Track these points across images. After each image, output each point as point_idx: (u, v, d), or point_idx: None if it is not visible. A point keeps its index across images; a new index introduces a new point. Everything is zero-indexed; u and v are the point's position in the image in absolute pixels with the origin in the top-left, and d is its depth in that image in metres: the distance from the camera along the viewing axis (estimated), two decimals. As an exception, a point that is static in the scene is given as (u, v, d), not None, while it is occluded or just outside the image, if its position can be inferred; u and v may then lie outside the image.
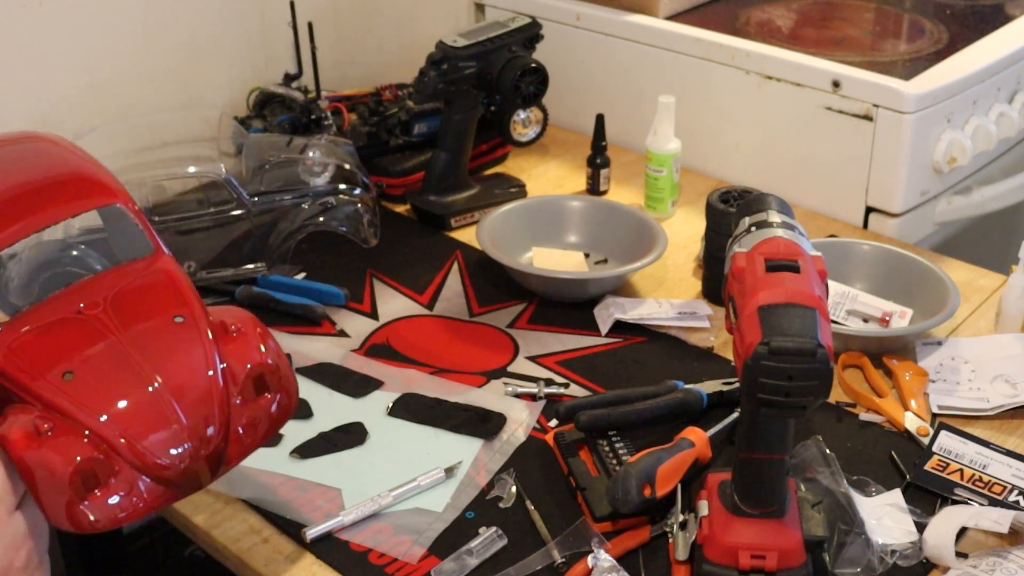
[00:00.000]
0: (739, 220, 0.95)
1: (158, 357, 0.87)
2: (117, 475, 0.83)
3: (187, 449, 0.85)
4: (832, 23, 1.74)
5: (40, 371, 0.85)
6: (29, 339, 0.87)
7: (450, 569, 0.96)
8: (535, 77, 1.48)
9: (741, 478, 0.91)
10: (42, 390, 0.84)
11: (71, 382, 0.85)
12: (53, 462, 0.82)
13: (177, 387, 0.86)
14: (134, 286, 0.92)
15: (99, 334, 0.88)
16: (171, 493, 0.86)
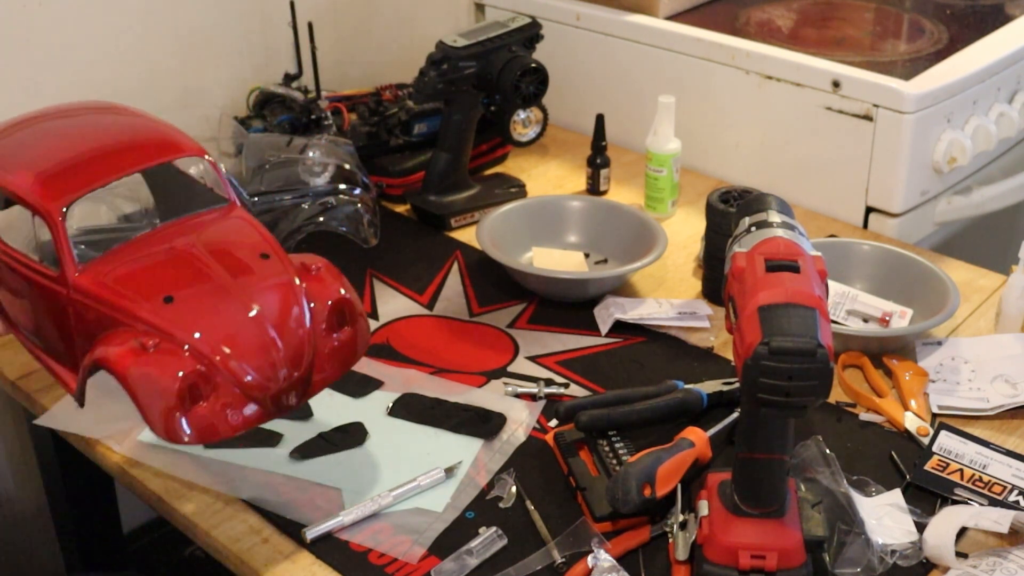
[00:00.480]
0: (739, 220, 0.95)
1: (251, 287, 0.95)
2: (216, 392, 0.90)
3: (282, 371, 0.92)
4: (832, 23, 1.74)
5: (142, 297, 0.92)
6: (127, 271, 0.95)
7: (450, 569, 0.96)
8: (535, 77, 1.48)
9: (741, 478, 0.91)
10: (144, 313, 0.91)
11: (172, 306, 0.92)
12: (158, 374, 0.88)
13: (271, 315, 0.94)
14: (219, 228, 1.01)
15: (194, 267, 0.96)
16: (262, 413, 0.92)
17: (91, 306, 0.94)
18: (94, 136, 1.04)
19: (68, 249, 0.95)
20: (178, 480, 1.07)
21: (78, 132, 1.05)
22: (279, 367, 0.92)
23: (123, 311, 0.92)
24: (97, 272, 0.94)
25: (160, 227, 1.00)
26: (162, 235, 0.99)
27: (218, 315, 0.92)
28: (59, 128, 1.06)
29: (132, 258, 0.96)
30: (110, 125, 1.07)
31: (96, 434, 1.12)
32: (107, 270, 0.95)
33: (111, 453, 1.10)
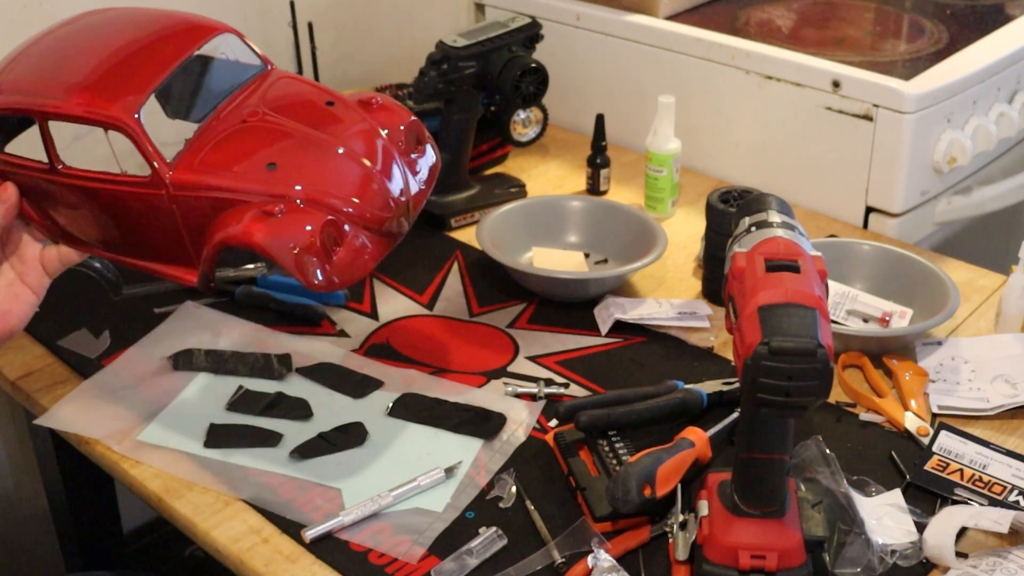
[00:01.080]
0: (739, 220, 0.95)
1: (335, 133, 0.98)
2: (345, 235, 0.95)
3: (391, 200, 0.98)
4: (832, 23, 1.74)
5: (246, 171, 0.95)
6: (217, 154, 0.97)
7: (450, 569, 0.96)
8: (535, 77, 1.48)
9: (741, 478, 0.91)
10: (256, 184, 0.94)
11: (278, 171, 0.95)
12: (295, 234, 0.92)
13: (363, 152, 0.98)
14: (274, 91, 1.03)
15: (275, 131, 0.98)
16: (386, 243, 0.98)
17: (196, 196, 0.96)
18: (122, 39, 1.03)
19: (156, 151, 0.96)
20: (178, 480, 1.07)
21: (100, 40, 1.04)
22: (387, 196, 0.98)
23: (233, 190, 0.95)
24: (189, 164, 0.96)
25: (217, 111, 1.01)
26: (226, 116, 1.00)
27: (321, 166, 0.96)
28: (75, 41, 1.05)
29: (213, 143, 0.98)
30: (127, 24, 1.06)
31: (96, 434, 1.12)
32: (197, 160, 0.96)
33: (111, 453, 1.10)
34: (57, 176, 1.00)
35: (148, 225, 0.99)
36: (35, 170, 1.00)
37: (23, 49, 1.06)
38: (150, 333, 1.27)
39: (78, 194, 1.00)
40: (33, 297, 1.03)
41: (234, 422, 1.14)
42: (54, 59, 1.03)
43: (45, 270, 1.04)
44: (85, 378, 1.20)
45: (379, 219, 0.97)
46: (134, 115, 0.95)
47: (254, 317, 1.31)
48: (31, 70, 1.02)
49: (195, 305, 1.32)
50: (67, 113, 0.97)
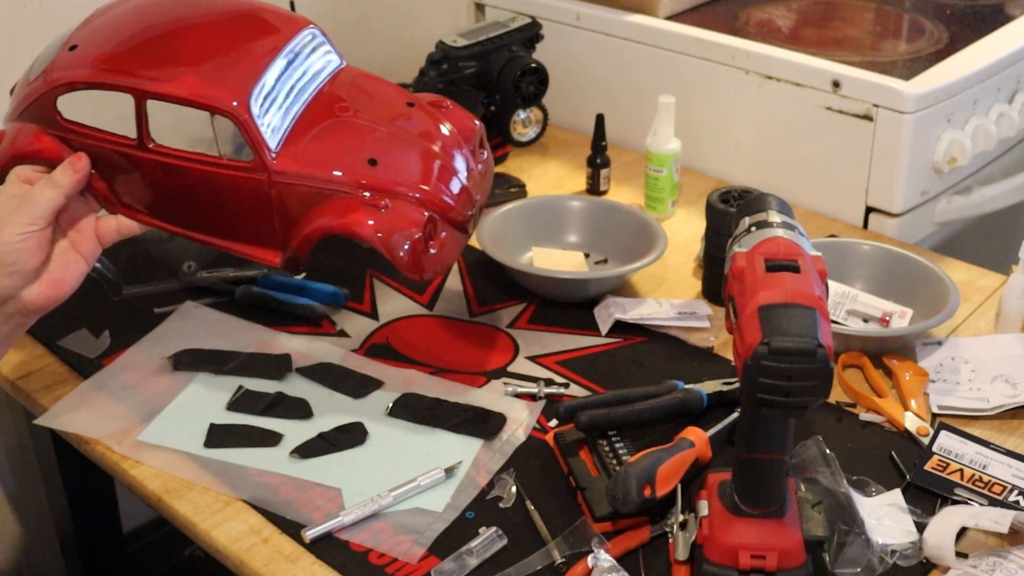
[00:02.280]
0: (739, 220, 0.95)
1: (423, 133, 1.05)
2: (437, 229, 1.01)
3: (472, 199, 1.05)
4: (832, 23, 1.74)
5: (349, 165, 1.00)
6: (317, 144, 1.01)
7: (450, 569, 0.96)
8: (535, 77, 1.48)
9: (741, 478, 0.91)
10: (361, 178, 1.00)
11: (379, 167, 1.00)
12: (404, 226, 0.99)
13: (448, 151, 1.05)
14: (356, 88, 1.08)
15: (368, 127, 1.04)
16: (463, 239, 1.06)
17: (298, 185, 1.00)
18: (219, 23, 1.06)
19: (263, 139, 0.99)
20: (178, 480, 1.07)
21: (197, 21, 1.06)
22: (471, 195, 1.05)
23: (336, 182, 1.00)
24: (292, 154, 1.00)
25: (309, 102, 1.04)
26: (318, 108, 1.04)
27: (417, 163, 1.02)
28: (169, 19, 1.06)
29: (313, 134, 1.02)
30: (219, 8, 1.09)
31: (96, 434, 1.12)
32: (298, 150, 1.00)
33: (111, 453, 1.10)
34: (144, 152, 1.02)
35: (238, 207, 1.03)
36: (119, 144, 1.02)
37: (104, 19, 1.07)
38: (150, 333, 1.27)
39: (163, 172, 1.02)
40: (84, 265, 1.05)
41: (234, 422, 1.14)
42: (151, 36, 1.05)
43: (100, 239, 1.06)
44: (85, 378, 1.20)
45: (464, 217, 1.05)
46: (246, 103, 0.98)
47: (254, 317, 1.30)
48: (122, 48, 1.03)
49: (195, 305, 1.32)
50: (173, 95, 0.99)
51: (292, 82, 1.05)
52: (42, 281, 1.01)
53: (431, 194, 1.02)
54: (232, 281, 1.35)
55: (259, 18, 1.08)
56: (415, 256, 1.00)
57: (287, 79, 1.04)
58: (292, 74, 1.05)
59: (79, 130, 1.03)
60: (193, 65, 1.01)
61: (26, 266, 0.99)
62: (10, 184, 1.02)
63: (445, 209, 1.03)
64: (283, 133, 1.01)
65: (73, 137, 1.03)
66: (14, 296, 1.00)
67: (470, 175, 1.06)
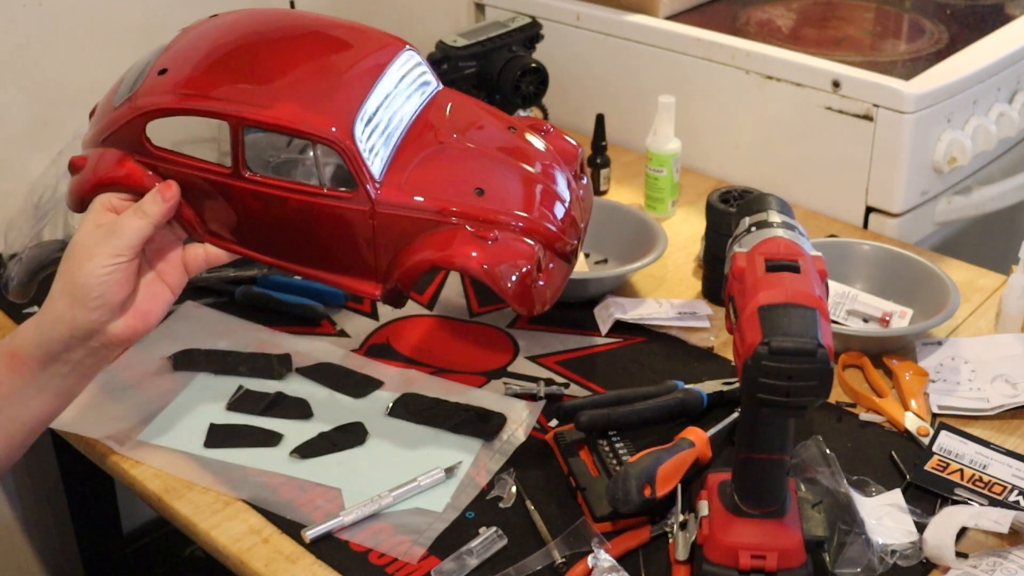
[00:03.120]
0: (739, 220, 0.95)
1: (527, 159, 1.01)
2: (545, 261, 0.97)
3: (576, 227, 1.01)
4: (832, 23, 1.74)
5: (456, 195, 0.96)
6: (421, 172, 0.97)
7: (450, 569, 0.96)
8: (535, 77, 1.48)
9: (741, 478, 0.91)
10: (469, 209, 0.96)
11: (486, 196, 0.97)
12: (516, 258, 0.95)
13: (552, 179, 1.00)
14: (455, 113, 1.04)
15: (473, 155, 1.00)
16: (569, 268, 1.01)
17: (402, 216, 0.96)
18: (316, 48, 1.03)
19: (366, 168, 0.95)
20: (178, 480, 1.07)
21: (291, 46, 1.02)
22: (575, 224, 1.01)
23: (443, 212, 0.96)
24: (396, 183, 0.96)
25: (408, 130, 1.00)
26: (419, 135, 1.00)
27: (523, 193, 0.98)
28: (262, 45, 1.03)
29: (416, 162, 0.98)
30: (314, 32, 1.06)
31: (96, 434, 1.12)
32: (403, 179, 0.97)
33: (111, 453, 1.10)
34: (239, 181, 0.97)
35: (337, 237, 0.98)
36: (211, 172, 0.98)
37: (194, 39, 1.03)
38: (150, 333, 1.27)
39: (258, 201, 0.98)
40: (171, 296, 1.00)
41: (234, 422, 1.14)
42: (244, 58, 1.00)
43: (187, 269, 1.01)
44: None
45: (570, 246, 1.00)
46: (349, 130, 0.94)
47: (254, 317, 1.31)
48: (214, 73, 0.99)
49: (195, 305, 1.32)
50: (273, 123, 0.95)
51: (393, 108, 1.00)
52: (128, 314, 0.96)
53: (537, 223, 0.97)
54: (232, 281, 1.36)
55: (355, 39, 1.04)
56: (524, 289, 0.95)
57: (389, 105, 1.00)
58: (394, 99, 1.01)
59: (170, 157, 0.98)
60: (292, 91, 0.97)
61: (113, 299, 0.94)
62: (95, 213, 0.97)
63: (551, 238, 0.98)
64: (386, 162, 0.97)
65: (163, 164, 0.98)
66: (100, 330, 0.94)
67: (573, 201, 1.01)
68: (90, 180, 0.99)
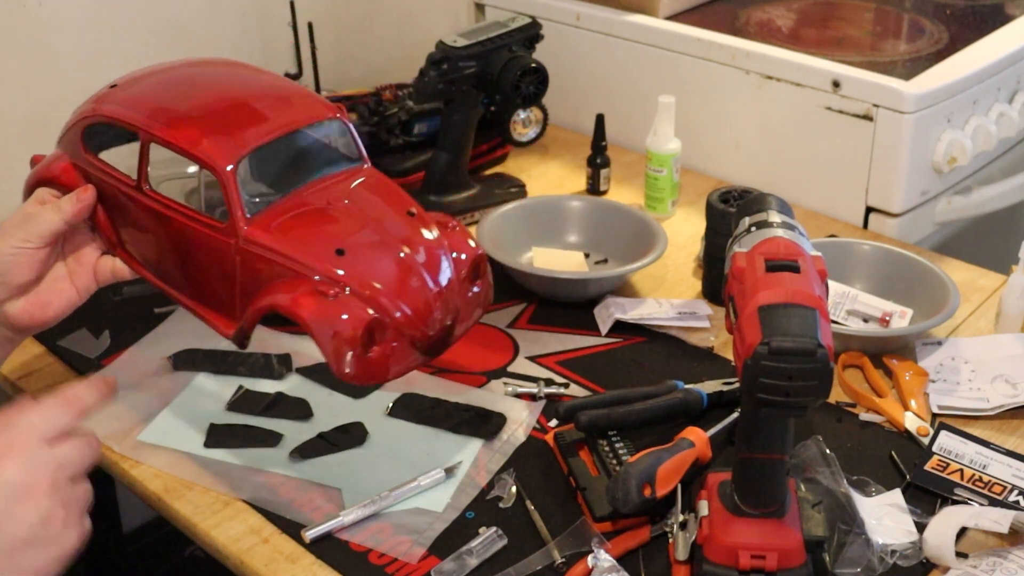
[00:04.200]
0: (739, 220, 0.95)
1: (408, 241, 1.00)
2: (386, 338, 0.95)
3: (439, 317, 0.98)
4: (832, 23, 1.74)
5: (315, 249, 0.97)
6: (293, 223, 0.99)
7: (450, 569, 0.96)
8: (535, 77, 1.48)
9: (741, 478, 0.91)
10: (320, 264, 0.96)
11: (345, 258, 0.96)
12: (342, 320, 0.93)
13: (429, 266, 0.99)
14: (364, 186, 1.05)
15: (355, 221, 1.01)
16: (421, 358, 0.99)
17: (262, 256, 0.97)
18: (242, 90, 1.08)
19: (240, 202, 0.98)
20: (178, 480, 1.07)
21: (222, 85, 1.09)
22: (437, 314, 0.98)
23: (298, 261, 0.96)
24: (265, 225, 0.98)
25: (307, 185, 1.03)
26: (311, 194, 1.02)
27: (384, 266, 0.98)
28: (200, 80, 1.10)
29: (294, 213, 1.00)
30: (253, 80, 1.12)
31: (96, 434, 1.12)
32: (273, 224, 0.99)
33: (111, 453, 1.10)
34: (140, 195, 1.03)
35: (207, 267, 1.01)
36: (122, 183, 1.04)
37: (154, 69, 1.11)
38: (150, 333, 1.28)
39: (152, 218, 1.03)
40: (75, 296, 1.07)
41: (234, 422, 1.14)
42: (175, 91, 1.08)
43: (95, 277, 1.08)
44: (85, 378, 1.20)
45: (422, 335, 0.98)
46: (230, 164, 0.98)
47: (254, 317, 1.30)
48: (149, 93, 1.08)
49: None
50: (170, 141, 1.00)
51: (298, 165, 1.05)
52: (28, 298, 1.03)
53: (387, 297, 0.96)
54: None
55: (287, 97, 1.09)
56: (344, 353, 0.93)
57: (294, 161, 1.05)
58: (302, 158, 1.05)
59: (94, 163, 1.06)
60: (203, 119, 1.02)
61: (13, 280, 1.01)
62: (27, 203, 1.06)
63: (403, 320, 0.96)
64: (265, 205, 1.00)
65: (89, 170, 1.07)
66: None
67: (446, 296, 1.00)
68: (33, 176, 1.10)
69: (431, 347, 1.00)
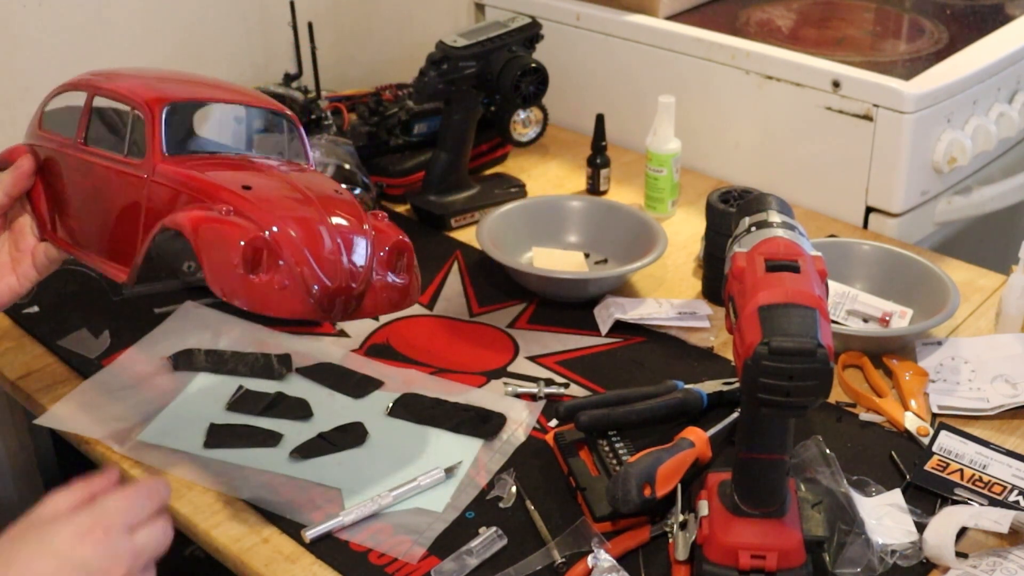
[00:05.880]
0: (739, 220, 0.95)
1: (326, 203, 0.98)
2: (277, 269, 0.92)
3: (343, 272, 0.94)
4: (832, 23, 1.74)
5: (223, 180, 0.97)
6: (209, 165, 1.00)
7: (450, 569, 0.96)
8: (535, 77, 1.48)
9: (741, 478, 0.91)
10: (225, 194, 0.95)
11: (251, 192, 0.96)
12: (229, 234, 0.90)
13: (341, 227, 0.97)
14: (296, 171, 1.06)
15: (275, 175, 1.02)
16: (311, 308, 0.94)
17: (169, 187, 0.98)
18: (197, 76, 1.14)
19: (160, 139, 0.99)
20: (178, 480, 1.07)
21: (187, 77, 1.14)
22: (340, 269, 0.95)
23: (204, 192, 0.96)
24: (181, 162, 1.00)
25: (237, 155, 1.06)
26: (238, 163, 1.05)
27: (292, 209, 0.97)
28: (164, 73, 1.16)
29: (215, 161, 1.02)
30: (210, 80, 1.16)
31: (96, 434, 1.12)
32: (191, 163, 1.00)
33: (111, 453, 1.10)
34: (73, 151, 1.06)
35: (116, 209, 1.03)
36: (59, 143, 1.08)
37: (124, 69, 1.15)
38: (150, 333, 1.27)
39: (81, 175, 1.05)
40: (17, 286, 1.09)
41: (234, 422, 1.14)
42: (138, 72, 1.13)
43: (35, 265, 1.09)
44: (85, 378, 1.20)
45: (315, 279, 0.93)
46: (158, 103, 1.00)
47: (254, 317, 1.30)
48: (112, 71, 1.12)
49: (195, 305, 1.32)
50: (111, 89, 1.05)
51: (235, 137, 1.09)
52: None
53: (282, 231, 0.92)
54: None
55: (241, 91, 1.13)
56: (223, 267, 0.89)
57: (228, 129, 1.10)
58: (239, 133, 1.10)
59: (45, 135, 1.10)
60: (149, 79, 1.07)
61: None
62: None
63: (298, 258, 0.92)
64: (185, 152, 1.02)
65: (40, 144, 1.10)
66: None
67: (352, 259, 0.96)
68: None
69: (329, 305, 0.94)
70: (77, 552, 0.81)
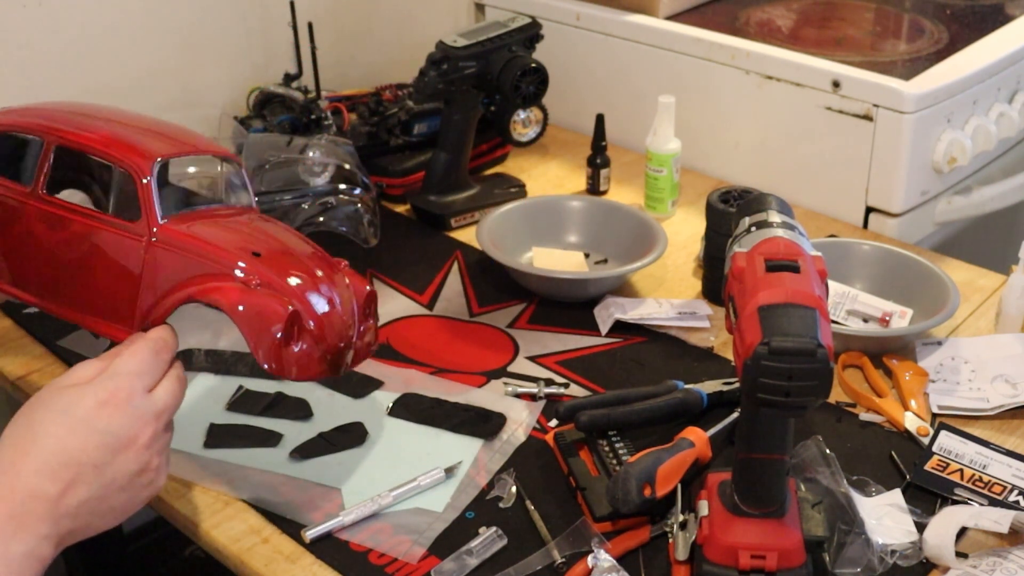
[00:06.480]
0: (739, 220, 0.95)
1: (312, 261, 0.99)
2: (302, 337, 0.94)
3: (341, 331, 0.97)
4: (832, 23, 1.74)
5: (232, 247, 0.96)
6: (208, 227, 0.98)
7: (450, 569, 0.96)
8: (535, 77, 1.48)
9: (741, 478, 0.91)
10: (239, 260, 0.95)
11: (261, 259, 0.96)
12: (269, 311, 0.92)
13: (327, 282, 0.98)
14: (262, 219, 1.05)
15: (265, 234, 1.01)
16: (323, 369, 0.96)
17: (176, 252, 0.96)
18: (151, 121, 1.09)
19: (155, 201, 0.96)
20: (178, 480, 1.07)
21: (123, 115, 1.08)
22: (341, 327, 0.97)
23: (214, 258, 0.95)
24: (179, 224, 0.97)
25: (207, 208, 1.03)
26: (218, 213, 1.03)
27: (299, 277, 0.97)
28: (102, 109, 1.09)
29: (207, 219, 1.00)
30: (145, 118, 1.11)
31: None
32: (186, 225, 0.98)
33: (111, 453, 1.10)
34: (35, 201, 1.00)
35: (107, 270, 0.98)
36: (11, 190, 1.01)
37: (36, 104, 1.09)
38: (150, 333, 1.27)
39: (44, 224, 1.00)
40: None
41: (234, 422, 1.14)
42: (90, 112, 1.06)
43: None
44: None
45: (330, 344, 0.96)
46: (151, 167, 0.96)
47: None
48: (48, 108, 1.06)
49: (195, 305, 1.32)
50: (82, 142, 0.99)
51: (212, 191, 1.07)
52: None
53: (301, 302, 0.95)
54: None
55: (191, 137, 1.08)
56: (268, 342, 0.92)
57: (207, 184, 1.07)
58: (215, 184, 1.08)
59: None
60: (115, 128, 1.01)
61: None
62: None
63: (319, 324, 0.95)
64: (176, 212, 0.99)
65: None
66: None
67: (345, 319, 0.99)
68: None
69: (338, 361, 0.98)
70: (103, 421, 0.83)
